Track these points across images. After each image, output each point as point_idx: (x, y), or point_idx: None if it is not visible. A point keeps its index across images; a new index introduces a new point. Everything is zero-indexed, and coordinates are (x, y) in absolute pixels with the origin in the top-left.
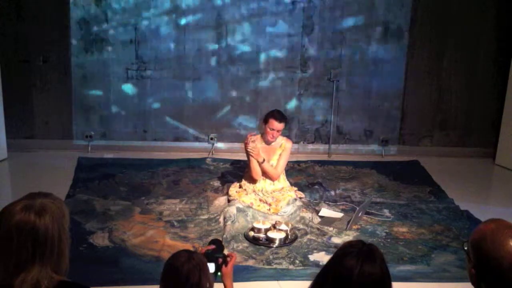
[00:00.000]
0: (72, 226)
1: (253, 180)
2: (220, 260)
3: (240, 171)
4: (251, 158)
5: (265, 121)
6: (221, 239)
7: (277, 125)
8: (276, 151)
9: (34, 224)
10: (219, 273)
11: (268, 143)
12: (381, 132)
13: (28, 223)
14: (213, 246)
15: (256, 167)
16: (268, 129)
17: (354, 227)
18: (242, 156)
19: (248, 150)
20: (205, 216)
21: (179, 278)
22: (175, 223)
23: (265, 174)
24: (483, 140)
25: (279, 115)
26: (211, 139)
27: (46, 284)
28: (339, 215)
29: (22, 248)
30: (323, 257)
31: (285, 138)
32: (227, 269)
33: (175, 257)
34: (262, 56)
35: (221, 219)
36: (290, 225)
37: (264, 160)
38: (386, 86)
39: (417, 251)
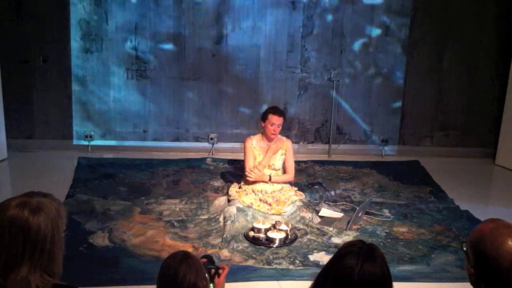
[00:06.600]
0: (72, 226)
1: (252, 182)
2: (213, 271)
3: (240, 171)
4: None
5: (264, 118)
6: (221, 239)
7: (278, 120)
8: (277, 151)
9: (27, 221)
10: (211, 285)
11: (269, 140)
12: (381, 132)
13: (20, 219)
14: (204, 260)
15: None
16: (269, 126)
17: (354, 227)
18: (242, 156)
19: (253, 179)
20: (205, 216)
21: (175, 278)
22: (175, 223)
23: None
24: (483, 140)
25: (278, 110)
26: (211, 139)
27: (37, 285)
28: (339, 215)
29: (13, 245)
30: (323, 257)
31: (284, 137)
32: (220, 280)
33: (171, 257)
34: (262, 56)
35: (221, 219)
36: (290, 225)
37: (270, 177)
38: (386, 86)
39: (417, 251)
